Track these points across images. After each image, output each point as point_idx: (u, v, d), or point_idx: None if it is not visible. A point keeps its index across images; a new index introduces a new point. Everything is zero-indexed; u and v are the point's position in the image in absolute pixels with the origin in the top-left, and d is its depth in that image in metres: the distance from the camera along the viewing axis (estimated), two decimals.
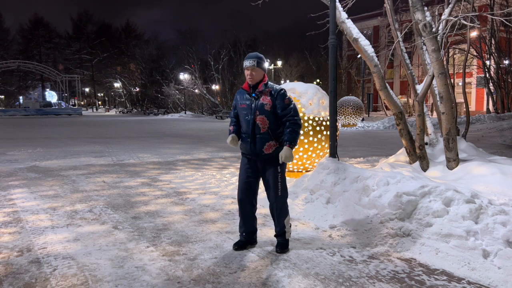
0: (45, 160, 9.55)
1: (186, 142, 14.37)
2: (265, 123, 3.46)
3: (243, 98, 3.58)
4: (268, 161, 3.53)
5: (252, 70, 3.45)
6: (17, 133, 19.06)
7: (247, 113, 3.51)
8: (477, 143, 10.30)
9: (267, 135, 3.47)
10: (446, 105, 5.63)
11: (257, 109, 3.46)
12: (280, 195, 3.56)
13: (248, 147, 3.53)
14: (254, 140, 3.49)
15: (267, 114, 3.46)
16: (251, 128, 3.48)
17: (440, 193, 3.93)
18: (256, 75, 3.47)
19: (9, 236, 4.03)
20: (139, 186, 6.57)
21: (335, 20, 5.46)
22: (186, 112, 46.47)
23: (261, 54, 3.56)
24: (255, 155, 3.54)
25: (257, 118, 3.46)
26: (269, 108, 3.45)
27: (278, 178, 3.54)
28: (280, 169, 3.55)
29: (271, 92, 3.48)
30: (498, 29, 25.07)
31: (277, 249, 3.61)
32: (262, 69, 3.49)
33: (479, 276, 3.08)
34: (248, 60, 3.48)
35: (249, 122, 3.50)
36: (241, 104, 3.57)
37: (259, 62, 3.46)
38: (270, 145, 3.48)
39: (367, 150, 12.01)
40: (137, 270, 3.21)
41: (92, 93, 78.70)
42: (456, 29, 5.72)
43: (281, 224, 3.62)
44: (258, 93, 3.49)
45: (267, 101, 3.45)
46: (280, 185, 3.55)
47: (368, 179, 4.49)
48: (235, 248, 3.66)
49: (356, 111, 23.52)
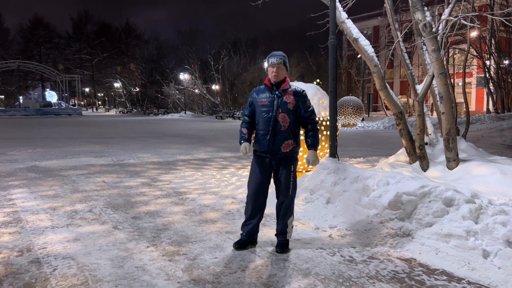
0: (45, 160, 9.55)
1: (186, 142, 14.37)
2: (286, 121, 3.48)
3: (263, 95, 3.57)
4: (283, 159, 3.54)
5: (278, 67, 3.49)
6: (17, 133, 19.06)
7: (267, 110, 3.50)
8: (477, 143, 10.30)
9: (286, 133, 3.49)
10: (446, 105, 5.63)
11: (279, 106, 3.47)
12: (290, 194, 3.58)
13: (266, 145, 3.50)
14: (274, 137, 3.48)
15: (289, 112, 3.48)
16: (272, 125, 3.47)
17: (440, 193, 3.93)
18: (281, 73, 3.52)
19: (9, 236, 4.03)
20: (139, 186, 6.57)
21: (335, 20, 5.46)
22: (186, 112, 46.47)
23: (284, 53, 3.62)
24: (271, 152, 3.52)
25: (279, 116, 3.46)
26: (292, 107, 3.49)
27: (291, 178, 3.56)
28: (293, 168, 3.58)
29: (295, 92, 3.53)
30: (498, 29, 25.07)
31: (277, 249, 3.60)
32: (286, 68, 3.55)
33: (479, 276, 3.08)
34: (275, 57, 3.51)
35: (269, 119, 3.48)
36: (261, 101, 3.55)
37: (284, 61, 3.53)
38: (288, 144, 3.50)
39: (367, 150, 12.01)
40: (137, 270, 3.21)
41: (92, 93, 78.69)
42: (456, 29, 5.72)
43: (284, 224, 3.63)
44: (281, 91, 3.51)
45: (290, 100, 3.49)
46: (291, 185, 3.58)
47: (368, 179, 4.49)
48: (235, 247, 3.65)
49: (356, 111, 23.53)
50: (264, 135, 3.50)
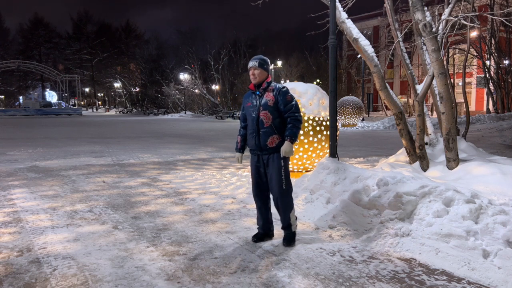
0: (45, 160, 9.55)
1: (186, 142, 14.37)
2: (269, 118, 3.64)
3: (249, 97, 3.82)
4: (272, 154, 3.68)
5: (254, 69, 3.69)
6: (17, 133, 19.06)
7: (252, 110, 3.72)
8: (477, 143, 10.31)
9: (270, 129, 3.65)
10: (446, 105, 5.63)
11: (261, 105, 3.67)
12: (284, 188, 3.68)
13: (253, 142, 3.72)
14: (258, 134, 3.68)
15: (270, 109, 3.64)
16: (255, 123, 3.68)
17: (440, 193, 3.93)
18: (259, 75, 3.69)
19: (9, 236, 4.03)
20: (139, 186, 6.57)
21: (335, 20, 5.46)
22: (186, 112, 46.47)
23: (265, 57, 3.80)
24: (259, 149, 3.71)
25: (261, 114, 3.66)
26: (272, 104, 3.64)
27: (282, 172, 3.67)
28: (284, 163, 3.68)
29: (274, 88, 3.69)
30: (498, 29, 25.07)
31: (284, 242, 3.74)
32: (264, 70, 3.71)
33: (479, 276, 3.08)
34: (251, 61, 3.73)
35: (254, 119, 3.69)
36: (247, 103, 3.81)
37: (261, 63, 3.70)
38: (274, 139, 3.65)
39: (367, 150, 12.01)
40: (137, 270, 3.21)
41: (92, 93, 78.70)
42: (456, 29, 5.72)
43: (287, 218, 3.75)
44: (261, 90, 3.71)
45: (270, 98, 3.66)
46: (284, 179, 3.68)
47: (368, 179, 4.49)
48: (254, 240, 3.84)
49: (356, 111, 23.53)
50: (252, 133, 3.74)
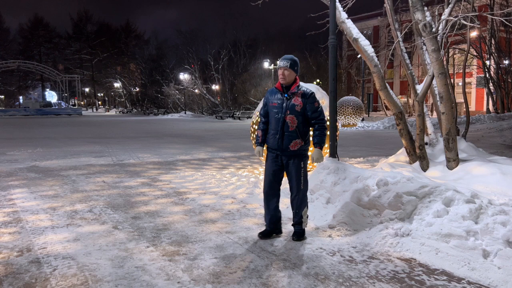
0: (45, 160, 9.55)
1: (186, 142, 14.37)
2: (294, 122, 3.71)
3: (274, 97, 3.82)
4: (293, 156, 3.78)
5: (284, 69, 3.71)
6: (17, 133, 19.06)
7: (277, 111, 3.76)
8: (477, 143, 10.30)
9: (294, 133, 3.73)
10: (446, 105, 5.63)
11: (288, 108, 3.71)
12: (302, 188, 3.84)
13: (276, 143, 3.78)
14: (282, 137, 3.74)
15: (297, 114, 3.71)
16: (280, 126, 3.73)
17: (440, 193, 3.93)
18: (288, 76, 3.73)
19: (9, 236, 4.03)
20: (139, 186, 6.57)
21: (335, 20, 5.46)
22: (186, 112, 46.44)
23: (296, 57, 3.80)
24: (281, 150, 3.79)
25: (287, 117, 3.71)
26: (300, 109, 3.71)
27: (301, 173, 3.79)
28: (303, 164, 3.80)
29: (303, 94, 3.74)
30: (498, 29, 25.07)
31: (294, 237, 3.90)
32: (294, 71, 3.75)
33: (479, 276, 3.08)
34: (282, 60, 3.74)
35: (278, 120, 3.74)
36: (272, 103, 3.82)
37: (292, 64, 3.72)
38: (296, 143, 3.74)
39: (367, 150, 12.01)
40: (137, 270, 3.21)
41: (92, 93, 78.67)
42: (456, 29, 5.72)
43: (299, 215, 3.89)
44: (290, 94, 3.74)
45: (298, 103, 3.71)
46: (302, 179, 3.82)
47: (368, 179, 4.49)
48: (260, 236, 3.94)
49: (356, 111, 23.51)
50: (274, 134, 3.78)
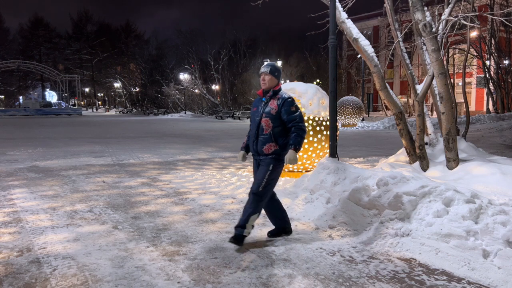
0: (45, 160, 9.55)
1: (186, 142, 14.37)
2: (269, 126, 3.69)
3: (256, 102, 3.90)
4: (265, 159, 3.73)
5: (265, 75, 3.74)
6: (17, 133, 19.06)
7: (255, 115, 3.81)
8: (477, 143, 10.30)
9: (268, 136, 3.70)
10: (446, 105, 5.63)
11: (263, 112, 3.73)
12: (261, 191, 3.65)
13: (252, 146, 3.82)
14: (257, 140, 3.75)
15: (272, 117, 3.69)
16: (256, 129, 3.76)
17: (440, 193, 3.93)
18: (269, 81, 3.74)
19: (9, 236, 4.03)
20: (139, 186, 6.57)
21: (335, 20, 5.46)
22: (186, 112, 46.44)
23: (278, 65, 3.88)
24: (256, 153, 3.79)
25: (263, 120, 3.72)
26: (275, 112, 3.68)
27: (265, 175, 3.66)
28: (272, 167, 3.68)
29: (280, 98, 3.73)
30: (498, 29, 25.07)
31: (231, 239, 3.65)
32: (275, 77, 3.76)
33: (479, 276, 3.08)
34: (264, 66, 3.79)
35: (255, 124, 3.78)
36: (253, 108, 3.90)
37: (272, 70, 3.75)
38: (270, 146, 3.70)
39: (367, 150, 12.01)
40: (137, 270, 3.21)
41: (92, 93, 78.66)
42: (456, 29, 5.72)
43: (246, 218, 3.64)
44: (268, 97, 3.77)
45: (274, 106, 3.70)
46: (264, 182, 3.65)
47: (368, 179, 4.49)
48: (269, 236, 3.95)
49: (356, 111, 23.52)
50: (251, 137, 3.83)
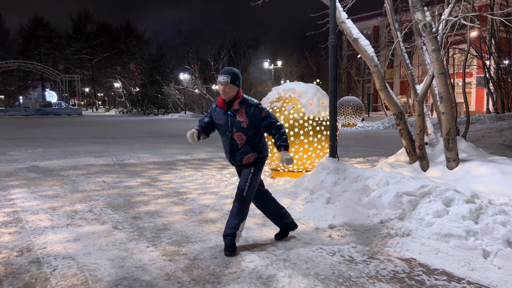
0: (45, 160, 9.55)
1: (186, 142, 14.34)
2: (242, 139, 3.50)
3: (219, 115, 3.57)
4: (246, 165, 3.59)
5: (225, 86, 3.42)
6: (17, 133, 19.06)
7: (224, 129, 3.55)
8: (477, 143, 10.30)
9: (244, 149, 3.53)
10: (446, 105, 5.63)
11: (234, 126, 3.48)
12: (245, 196, 3.54)
13: (228, 158, 3.66)
14: (233, 155, 3.58)
15: (244, 130, 3.48)
16: (229, 144, 3.55)
17: (440, 193, 3.93)
18: (229, 91, 3.44)
19: (9, 236, 4.03)
20: (139, 186, 6.57)
21: (335, 20, 5.46)
22: (186, 112, 46.43)
23: (236, 69, 3.53)
24: (235, 164, 3.66)
25: (235, 135, 3.50)
26: (246, 125, 3.46)
27: (248, 178, 3.53)
28: (254, 170, 3.56)
29: (246, 109, 3.46)
30: (498, 29, 25.07)
31: (226, 252, 3.51)
32: (235, 85, 3.45)
33: (479, 276, 3.08)
34: (221, 75, 3.44)
35: (227, 139, 3.55)
36: (218, 120, 3.59)
37: (232, 79, 3.43)
38: (249, 157, 3.55)
39: (367, 150, 12.01)
40: (137, 270, 3.22)
41: (92, 93, 78.65)
42: (456, 29, 5.72)
43: (235, 225, 3.53)
44: (233, 111, 3.47)
45: (243, 119, 3.45)
46: (248, 186, 3.54)
47: (368, 179, 4.49)
48: (276, 238, 3.91)
49: (356, 111, 23.51)
50: (226, 151, 3.64)
